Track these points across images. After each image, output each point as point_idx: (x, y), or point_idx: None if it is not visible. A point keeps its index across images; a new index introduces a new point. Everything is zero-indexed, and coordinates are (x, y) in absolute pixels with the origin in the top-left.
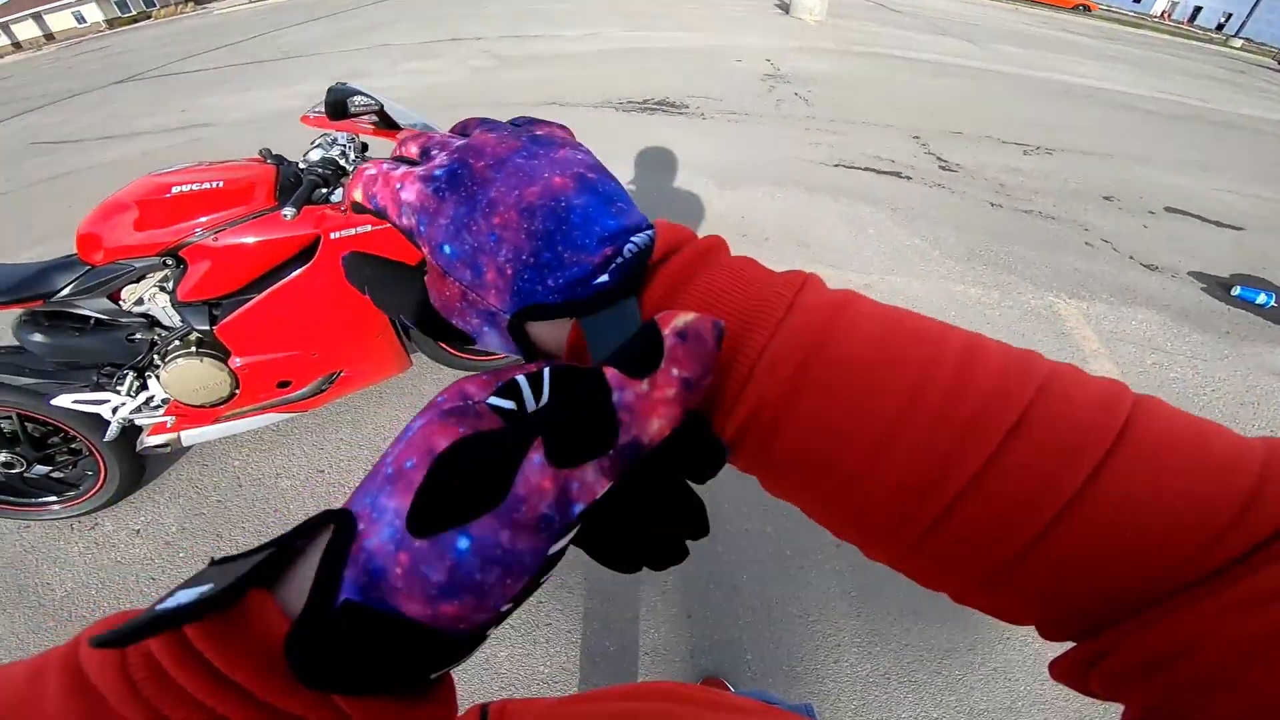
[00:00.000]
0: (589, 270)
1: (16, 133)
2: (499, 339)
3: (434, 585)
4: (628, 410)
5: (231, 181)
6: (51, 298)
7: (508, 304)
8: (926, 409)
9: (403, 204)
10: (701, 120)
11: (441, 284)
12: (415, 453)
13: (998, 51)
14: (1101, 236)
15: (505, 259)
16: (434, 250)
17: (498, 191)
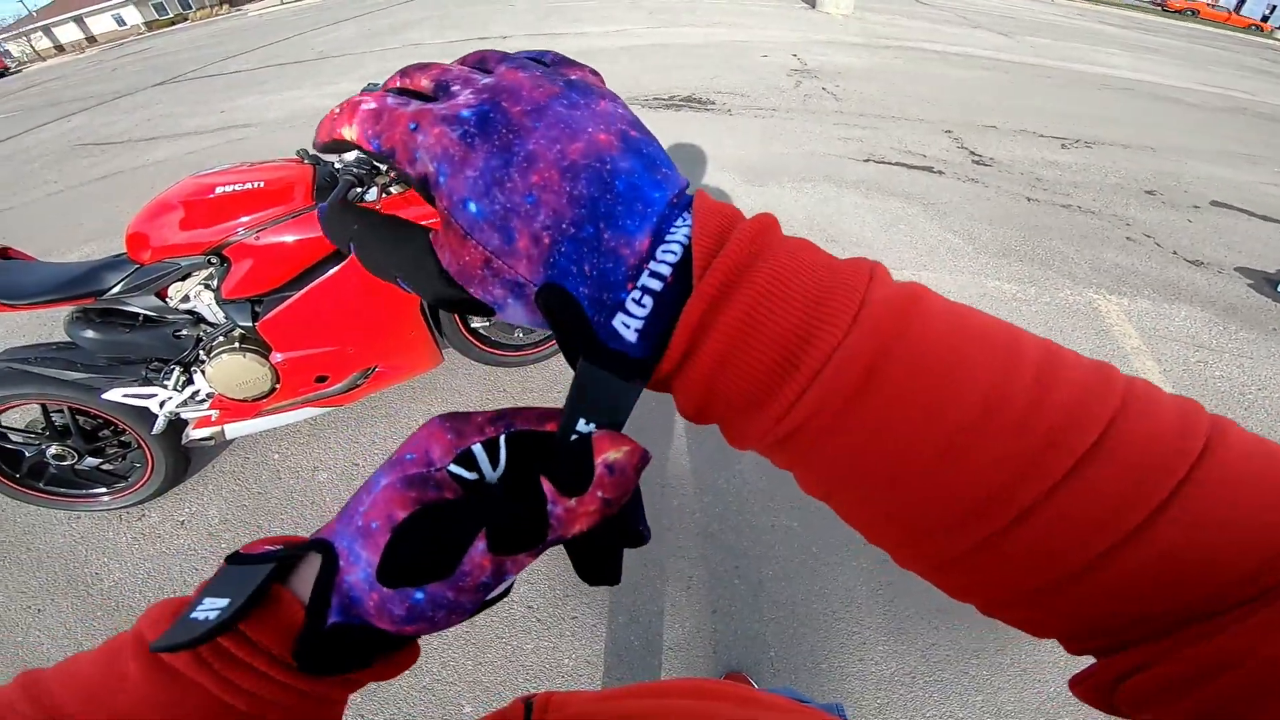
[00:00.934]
0: (625, 272)
1: (64, 133)
2: (525, 312)
3: (397, 616)
4: (557, 519)
5: (271, 182)
6: (102, 295)
7: (539, 275)
8: (1004, 419)
9: (417, 147)
10: (728, 116)
11: (460, 246)
12: (379, 516)
13: (1031, 44)
14: (1143, 231)
15: (542, 225)
16: (454, 206)
17: (537, 144)
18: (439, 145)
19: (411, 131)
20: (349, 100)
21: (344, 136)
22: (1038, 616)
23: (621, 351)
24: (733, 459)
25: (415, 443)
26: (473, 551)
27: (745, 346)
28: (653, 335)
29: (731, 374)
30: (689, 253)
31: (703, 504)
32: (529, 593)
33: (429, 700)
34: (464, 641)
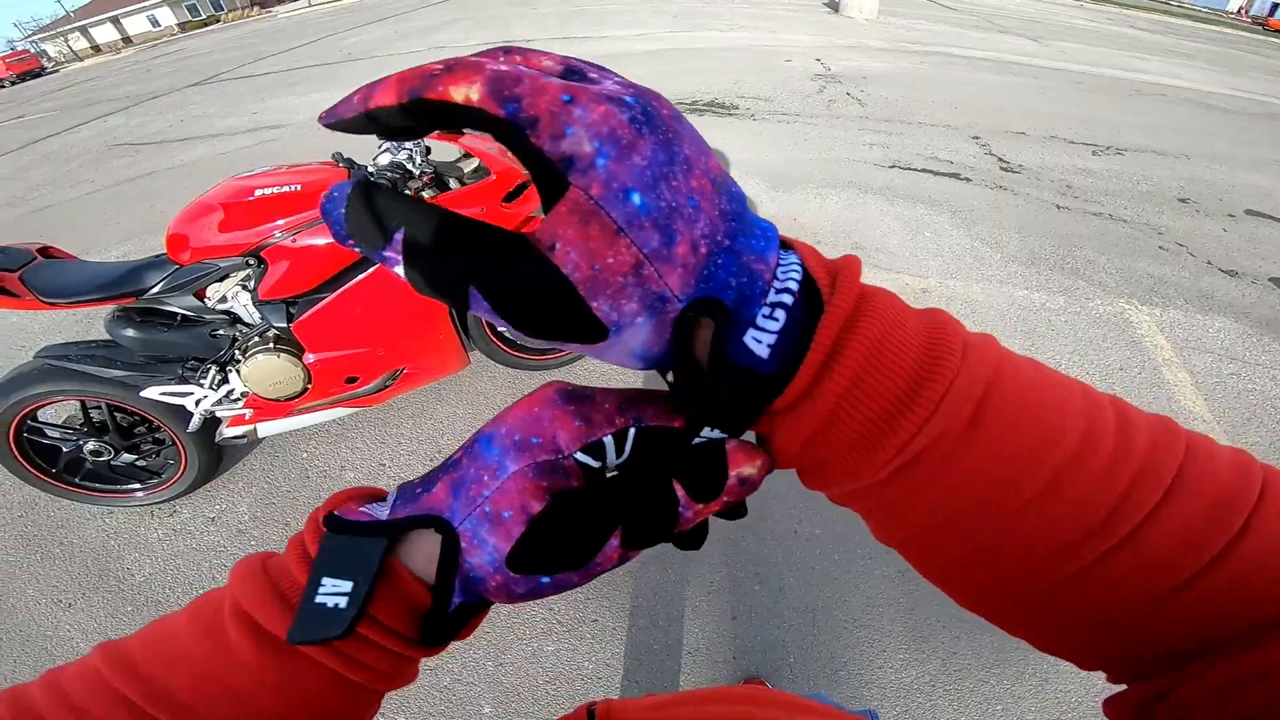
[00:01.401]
0: (761, 288)
1: (101, 133)
2: (646, 338)
3: (517, 595)
4: (685, 520)
5: (308, 184)
6: (142, 295)
7: (689, 289)
8: (1100, 453)
9: (572, 122)
10: (751, 121)
11: (606, 245)
12: (511, 506)
13: (1061, 49)
14: (1176, 240)
15: (702, 234)
16: (611, 195)
17: (689, 149)
18: (606, 124)
19: (565, 104)
20: (456, 58)
21: (452, 97)
22: (1100, 648)
23: (751, 368)
24: None
25: (538, 423)
26: (607, 548)
27: (875, 370)
28: (783, 351)
29: (860, 398)
30: (808, 274)
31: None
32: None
33: (449, 700)
34: (485, 642)
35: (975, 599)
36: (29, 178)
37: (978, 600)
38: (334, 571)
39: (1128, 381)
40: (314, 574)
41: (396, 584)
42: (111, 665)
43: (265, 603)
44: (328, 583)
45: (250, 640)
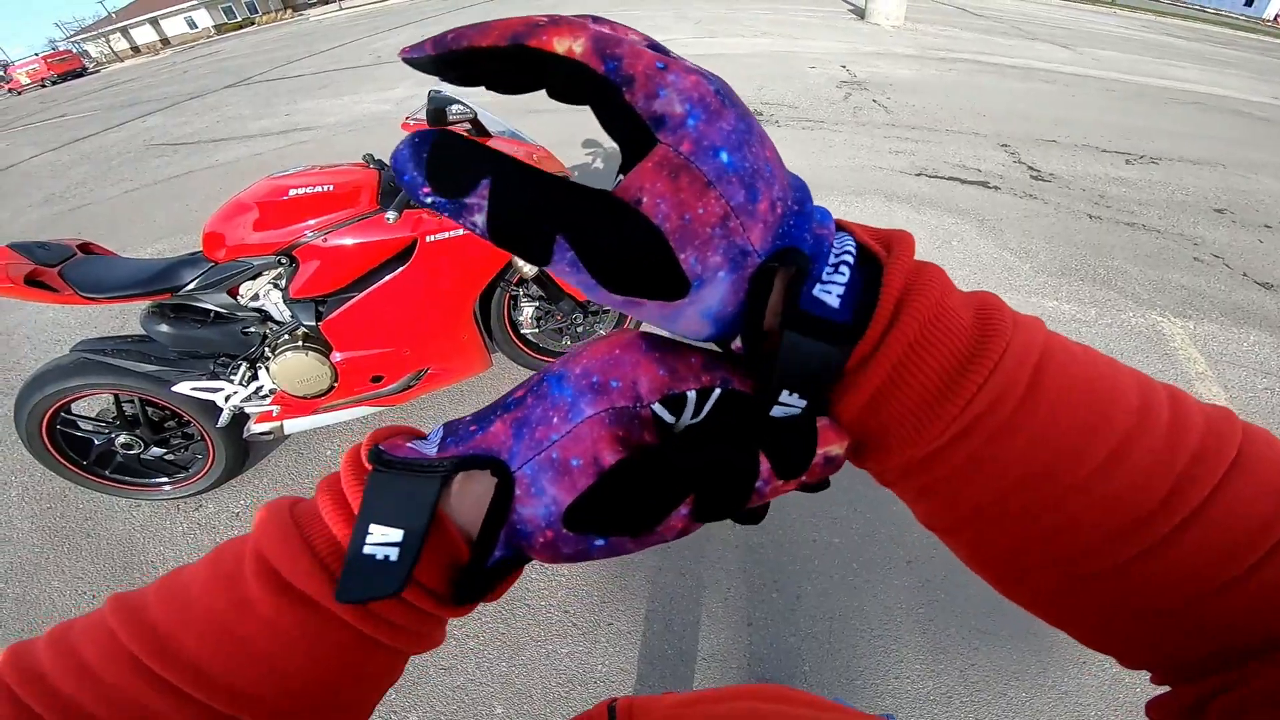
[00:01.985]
0: (827, 248)
1: (139, 133)
2: (722, 295)
3: (563, 554)
4: (760, 494)
5: (340, 185)
6: (177, 291)
7: (769, 244)
8: (1156, 428)
9: (665, 85)
10: (776, 128)
11: (697, 197)
12: (582, 454)
13: (1093, 56)
14: (1212, 251)
15: (778, 195)
16: (701, 151)
17: (760, 130)
18: (696, 91)
19: (659, 69)
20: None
21: (555, 48)
22: (1151, 641)
23: (827, 318)
24: None
25: (619, 366)
26: (674, 517)
27: (939, 326)
28: (852, 300)
29: (924, 353)
30: (861, 245)
31: None
32: (566, 597)
33: (462, 699)
34: (499, 643)
35: (1027, 588)
36: (69, 176)
37: (1030, 589)
38: (383, 517)
39: None
40: (361, 519)
41: (441, 536)
42: (124, 620)
43: (291, 554)
44: (376, 530)
45: (272, 596)
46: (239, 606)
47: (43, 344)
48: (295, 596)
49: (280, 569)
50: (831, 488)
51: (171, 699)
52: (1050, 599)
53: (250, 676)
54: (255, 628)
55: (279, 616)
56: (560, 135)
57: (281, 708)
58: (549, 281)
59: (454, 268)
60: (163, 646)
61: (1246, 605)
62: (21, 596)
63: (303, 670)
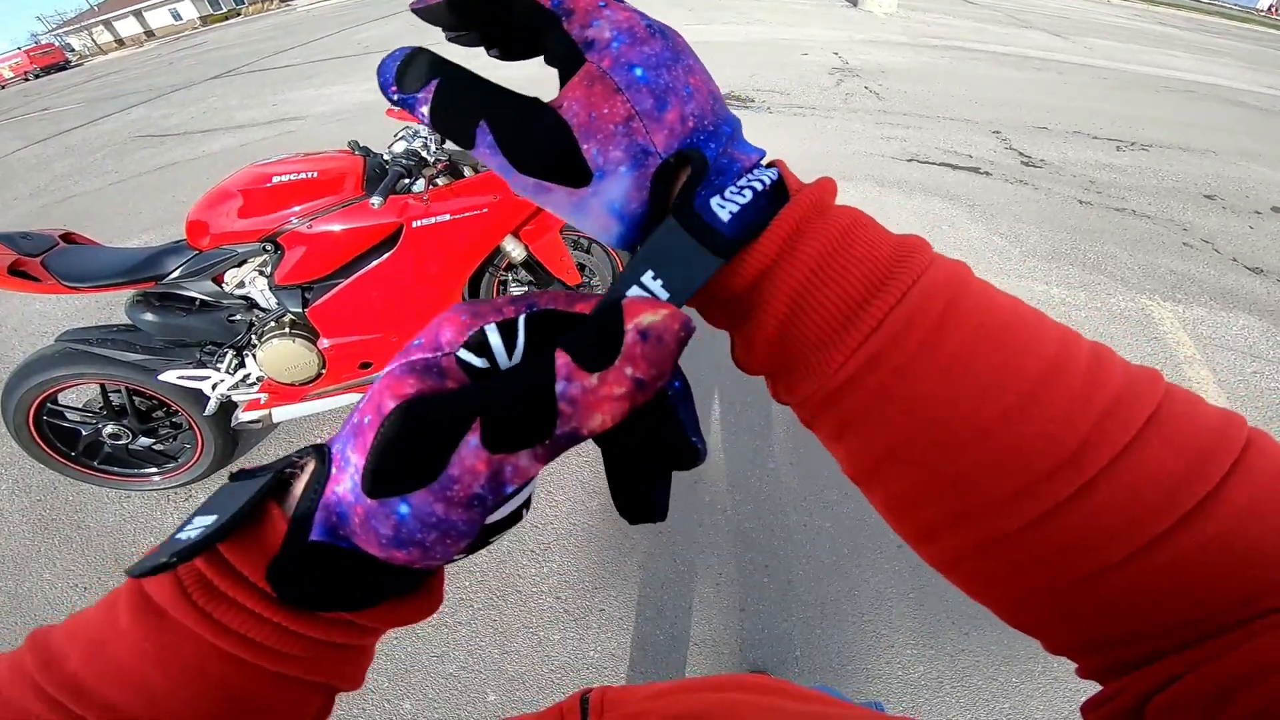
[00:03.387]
0: (736, 171)
1: (125, 125)
2: (625, 189)
3: (383, 537)
4: (570, 403)
5: (325, 172)
6: (162, 280)
7: (672, 147)
8: (1071, 379)
9: (599, 16)
10: (767, 114)
11: (604, 100)
12: (371, 409)
13: (1088, 45)
14: (1201, 237)
15: (691, 111)
16: (618, 66)
17: (695, 62)
18: (627, 21)
19: (599, 7)
20: None
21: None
22: (1070, 615)
23: (712, 226)
24: (766, 458)
25: (428, 328)
26: (463, 450)
27: (842, 255)
28: (744, 222)
29: (824, 282)
30: (781, 179)
31: (735, 501)
32: (557, 583)
33: (454, 686)
34: (491, 629)
35: (940, 550)
36: (53, 169)
37: (942, 551)
38: (206, 510)
39: None
40: (191, 515)
41: (264, 526)
42: (32, 647)
43: None
44: (196, 520)
45: (129, 604)
46: (112, 626)
47: (29, 335)
48: (150, 609)
49: (143, 583)
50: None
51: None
52: (962, 564)
53: (129, 699)
54: (119, 641)
55: (136, 629)
56: None
57: None
58: (538, 266)
59: (441, 253)
60: (62, 672)
61: (1160, 582)
62: (13, 590)
63: (175, 692)
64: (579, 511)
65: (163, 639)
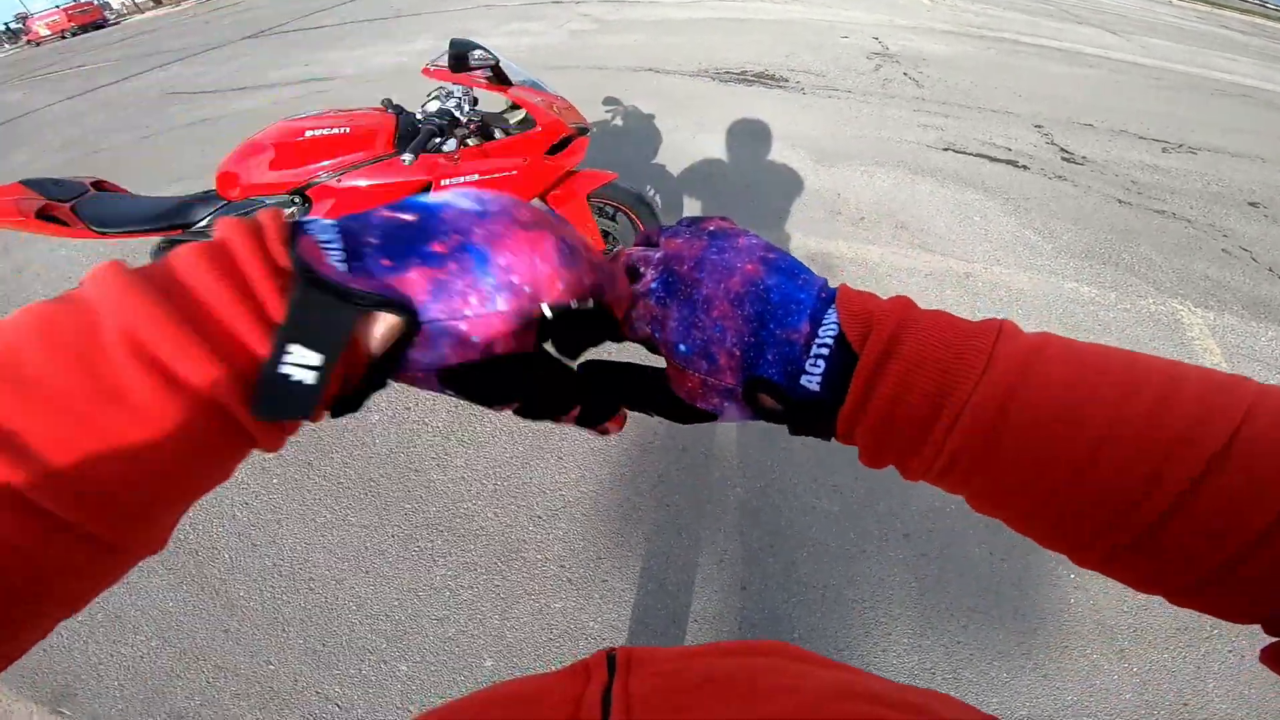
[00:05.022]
0: (797, 348)
1: (160, 82)
2: (738, 411)
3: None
4: None
5: (357, 128)
6: (189, 228)
7: (740, 379)
8: (1131, 427)
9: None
10: (801, 95)
11: (683, 378)
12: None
13: (1143, 44)
14: (1240, 244)
15: (732, 344)
16: (671, 350)
17: (708, 289)
18: (647, 315)
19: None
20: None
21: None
22: (1226, 597)
23: (808, 398)
24: (780, 436)
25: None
26: None
27: (904, 397)
28: (829, 384)
29: (897, 418)
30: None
31: (745, 478)
32: (562, 551)
33: (451, 651)
34: (493, 595)
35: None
36: (86, 123)
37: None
38: (306, 339)
39: None
40: (285, 335)
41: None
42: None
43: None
44: (295, 350)
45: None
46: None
47: (54, 280)
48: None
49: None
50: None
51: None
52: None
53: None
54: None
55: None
56: (582, 94)
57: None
58: None
59: None
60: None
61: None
62: None
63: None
64: (588, 479)
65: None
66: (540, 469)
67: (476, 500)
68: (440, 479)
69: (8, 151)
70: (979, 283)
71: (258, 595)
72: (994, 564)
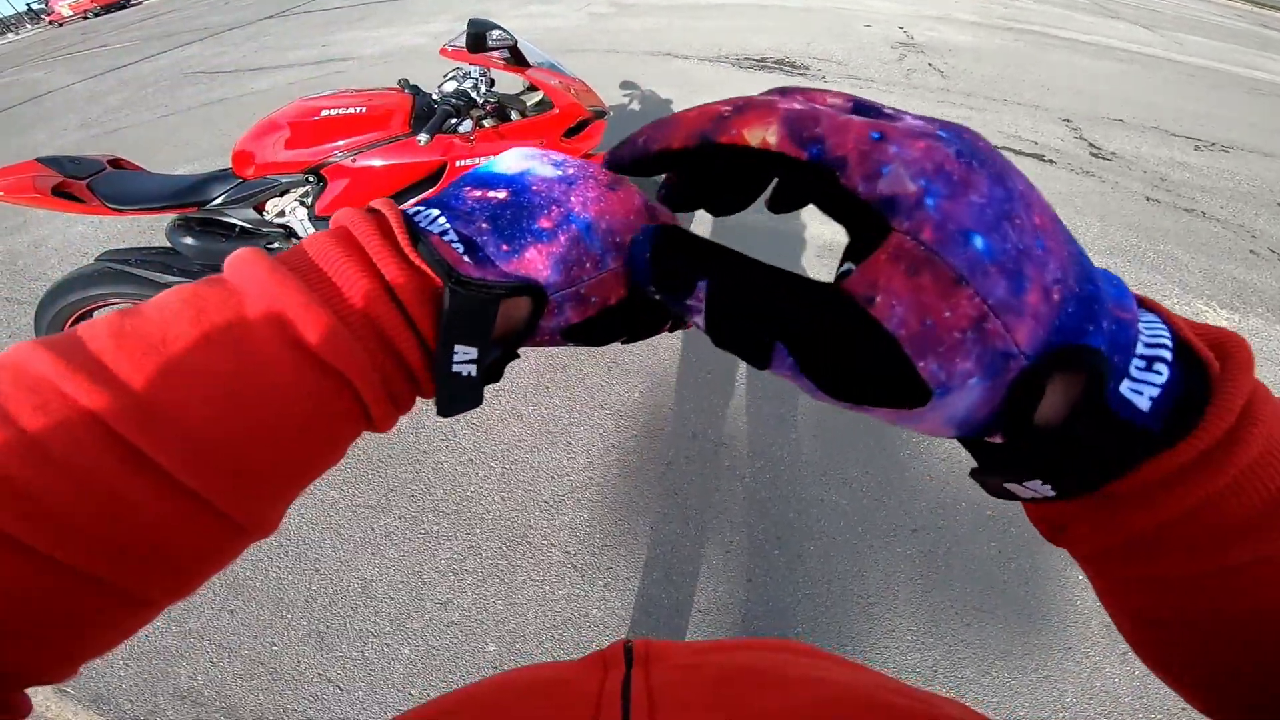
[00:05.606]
0: (1132, 336)
1: (177, 62)
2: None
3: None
4: None
5: (373, 108)
6: (205, 206)
7: (1040, 343)
8: None
9: (889, 160)
10: (822, 83)
11: (943, 297)
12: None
13: (1178, 40)
14: (1269, 246)
15: (1054, 279)
16: (949, 239)
17: (1024, 184)
18: (930, 159)
19: (876, 141)
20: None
21: (747, 140)
22: None
23: (1130, 420)
24: (790, 426)
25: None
26: None
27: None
28: (1164, 406)
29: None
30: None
31: (754, 469)
32: (568, 538)
33: (455, 635)
34: (498, 580)
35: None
36: (105, 102)
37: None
38: (463, 336)
39: None
40: (448, 338)
41: None
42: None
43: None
44: (459, 350)
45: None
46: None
47: (70, 256)
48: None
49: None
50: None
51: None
52: None
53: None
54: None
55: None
56: (599, 78)
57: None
58: None
59: None
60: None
61: None
62: None
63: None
64: (596, 465)
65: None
66: (548, 454)
67: (484, 483)
68: (448, 461)
69: (27, 130)
70: None
71: (263, 576)
72: (1002, 562)
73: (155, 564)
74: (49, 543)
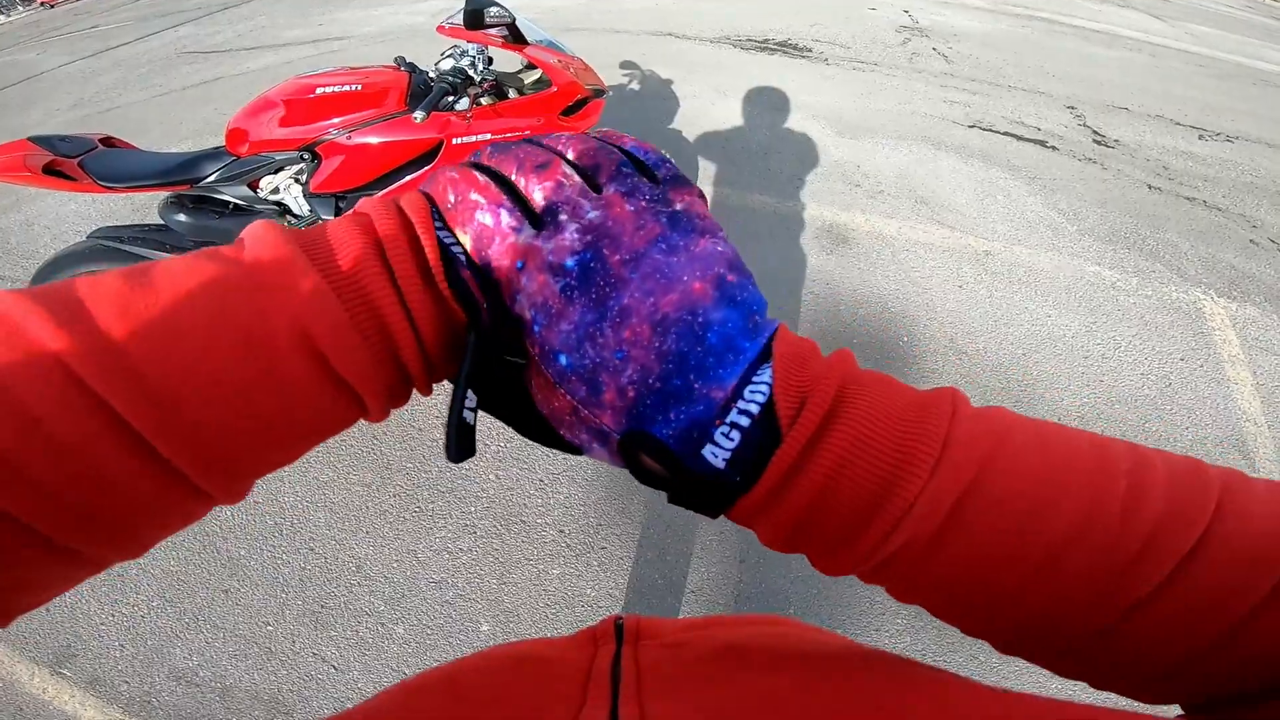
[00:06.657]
0: (713, 410)
1: (172, 42)
2: (608, 455)
3: None
4: None
5: (369, 85)
6: (198, 183)
7: (622, 425)
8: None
9: (519, 290)
10: (825, 65)
11: (550, 394)
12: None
13: (1189, 30)
14: (1269, 236)
15: (629, 380)
16: (546, 356)
17: (632, 298)
18: (540, 295)
19: (518, 270)
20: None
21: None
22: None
23: (706, 474)
24: None
25: None
26: None
27: (836, 491)
28: (740, 464)
29: (823, 516)
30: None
31: None
32: (561, 516)
33: (449, 614)
34: (492, 560)
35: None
36: (99, 82)
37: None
38: (473, 382)
39: (1187, 373)
40: (466, 384)
41: None
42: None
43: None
44: (470, 396)
45: (321, 382)
46: (264, 377)
47: (63, 234)
48: (343, 387)
49: (323, 345)
50: None
51: (139, 461)
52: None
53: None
54: (279, 400)
55: (317, 397)
56: (599, 57)
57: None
58: None
59: None
60: (165, 411)
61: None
62: None
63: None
64: None
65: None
66: None
67: (479, 461)
68: (443, 438)
69: (21, 110)
70: (998, 262)
71: (258, 556)
72: None
73: (100, 519)
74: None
